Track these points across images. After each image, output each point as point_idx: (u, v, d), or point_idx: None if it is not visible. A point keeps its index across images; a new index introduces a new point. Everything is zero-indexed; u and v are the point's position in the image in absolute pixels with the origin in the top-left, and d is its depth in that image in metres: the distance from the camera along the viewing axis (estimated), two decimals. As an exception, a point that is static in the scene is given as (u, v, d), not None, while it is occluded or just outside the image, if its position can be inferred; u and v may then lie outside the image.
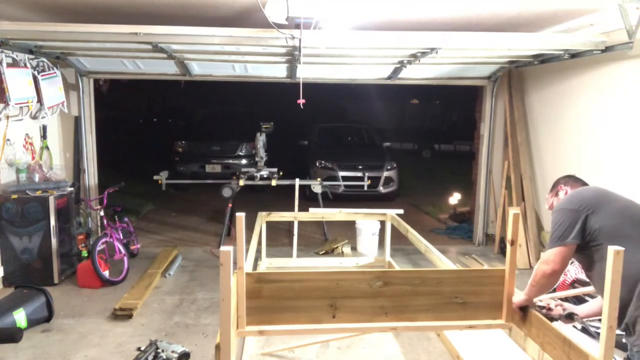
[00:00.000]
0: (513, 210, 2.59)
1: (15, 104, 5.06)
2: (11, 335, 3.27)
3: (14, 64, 5.24)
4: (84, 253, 5.80)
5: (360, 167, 9.98)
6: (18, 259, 5.19)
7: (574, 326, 3.95)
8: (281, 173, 7.19)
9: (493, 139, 7.07)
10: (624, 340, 2.30)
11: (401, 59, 5.94)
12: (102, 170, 7.35)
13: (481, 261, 6.29)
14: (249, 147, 10.60)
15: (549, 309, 2.52)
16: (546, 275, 2.37)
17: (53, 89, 5.81)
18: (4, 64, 4.92)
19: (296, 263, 6.03)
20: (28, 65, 5.37)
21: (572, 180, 2.71)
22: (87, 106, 6.82)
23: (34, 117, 5.73)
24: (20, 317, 4.16)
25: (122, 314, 4.54)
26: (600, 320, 1.96)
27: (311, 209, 5.88)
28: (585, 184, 2.68)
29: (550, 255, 2.36)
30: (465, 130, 10.58)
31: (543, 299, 2.58)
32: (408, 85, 7.40)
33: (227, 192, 6.82)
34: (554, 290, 4.24)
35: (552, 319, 2.47)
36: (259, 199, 9.35)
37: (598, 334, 2.21)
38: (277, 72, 6.75)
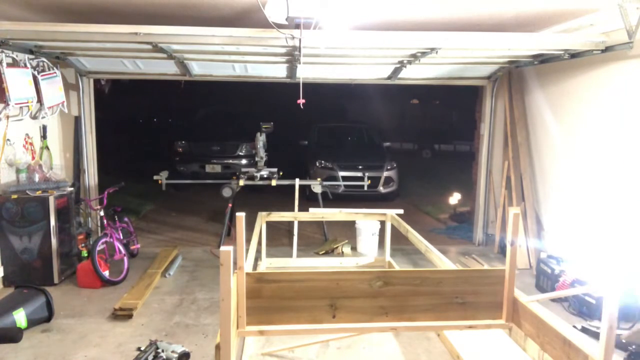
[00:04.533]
0: (513, 210, 2.59)
1: (15, 104, 5.06)
2: (11, 336, 3.27)
3: (14, 64, 5.24)
4: (84, 253, 5.80)
5: (360, 167, 9.98)
6: (18, 258, 5.20)
7: (574, 326, 3.96)
8: (281, 173, 7.19)
9: (493, 139, 7.07)
10: (623, 341, 2.30)
11: (401, 59, 5.94)
12: (103, 170, 7.35)
13: (481, 261, 6.28)
14: (249, 147, 10.59)
15: None
16: None
17: (53, 89, 5.81)
18: (4, 64, 4.92)
19: (296, 263, 6.03)
20: (28, 65, 5.38)
21: None
22: (87, 106, 6.83)
23: (34, 117, 5.73)
24: (20, 317, 4.16)
25: (122, 314, 4.54)
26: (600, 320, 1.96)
27: (311, 209, 5.87)
28: None
29: None
30: (465, 130, 10.57)
31: (540, 299, 2.58)
32: (408, 85, 7.40)
33: (227, 192, 6.82)
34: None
35: None
36: (259, 199, 9.35)
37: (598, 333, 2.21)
38: (277, 72, 6.75)
